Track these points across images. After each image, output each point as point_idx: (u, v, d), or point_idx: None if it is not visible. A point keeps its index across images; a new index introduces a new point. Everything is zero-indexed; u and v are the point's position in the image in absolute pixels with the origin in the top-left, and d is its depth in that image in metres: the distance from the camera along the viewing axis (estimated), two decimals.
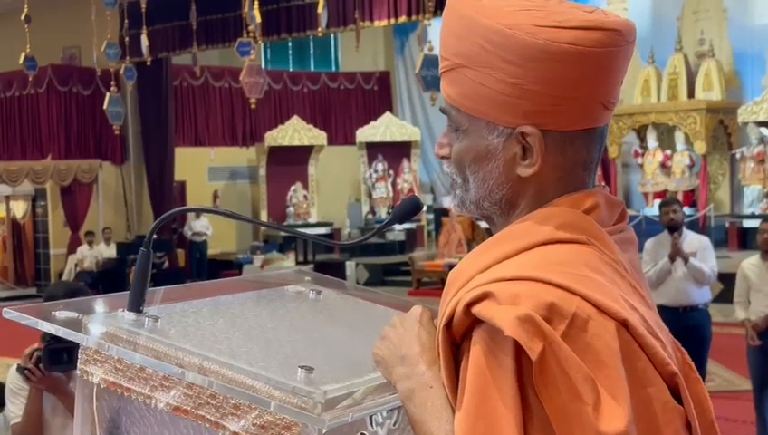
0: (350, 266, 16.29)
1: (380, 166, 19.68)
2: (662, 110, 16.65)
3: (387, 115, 20.28)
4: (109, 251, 17.07)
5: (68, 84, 18.57)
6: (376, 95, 22.56)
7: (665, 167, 16.85)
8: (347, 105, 22.17)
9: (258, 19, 13.40)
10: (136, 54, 15.87)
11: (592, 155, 1.34)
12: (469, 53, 1.30)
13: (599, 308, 1.20)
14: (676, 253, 6.63)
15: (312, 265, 16.34)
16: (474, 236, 16.26)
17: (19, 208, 18.51)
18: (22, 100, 18.82)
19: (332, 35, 20.57)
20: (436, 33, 12.48)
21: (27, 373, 3.36)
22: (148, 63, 15.73)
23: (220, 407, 1.39)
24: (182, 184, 19.13)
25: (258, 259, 16.27)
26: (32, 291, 17.68)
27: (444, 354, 1.27)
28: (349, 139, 20.77)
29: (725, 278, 8.85)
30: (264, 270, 14.23)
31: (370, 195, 19.81)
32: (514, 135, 1.30)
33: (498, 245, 1.30)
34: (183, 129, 19.53)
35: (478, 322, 1.21)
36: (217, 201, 19.01)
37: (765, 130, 15.74)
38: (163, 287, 1.73)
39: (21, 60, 15.40)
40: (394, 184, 19.79)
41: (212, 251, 18.61)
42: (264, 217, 18.67)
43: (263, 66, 18.71)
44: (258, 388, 1.35)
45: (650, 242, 6.90)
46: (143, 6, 15.02)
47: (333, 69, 22.73)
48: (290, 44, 21.49)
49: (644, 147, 17.17)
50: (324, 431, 1.32)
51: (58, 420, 3.50)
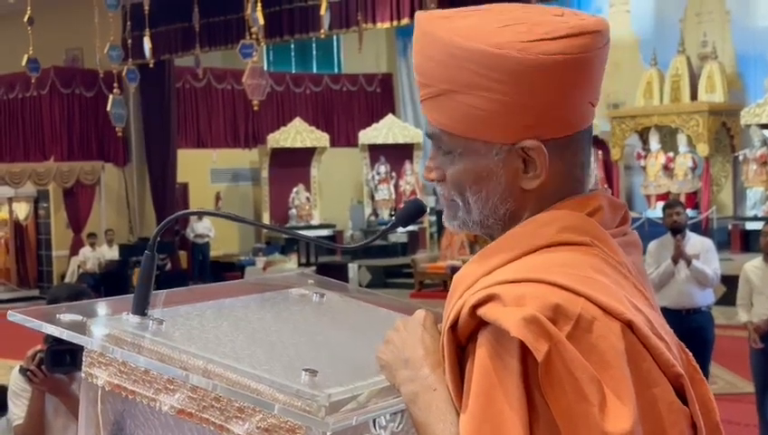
0: (353, 268, 16.29)
1: (383, 168, 19.68)
2: (665, 112, 16.64)
3: (389, 117, 20.27)
4: (111, 253, 17.07)
5: (71, 86, 18.58)
6: (378, 97, 22.55)
7: (667, 169, 16.84)
8: (349, 107, 22.16)
9: (261, 21, 13.40)
10: (138, 56, 15.87)
11: (587, 154, 1.37)
12: (457, 78, 1.29)
13: (603, 309, 1.20)
14: (679, 255, 6.63)
15: (315, 266, 16.34)
16: (476, 238, 16.23)
17: (22, 210, 18.52)
18: (24, 101, 18.83)
19: (335, 37, 20.58)
20: None
21: (30, 375, 3.37)
22: (150, 65, 15.73)
23: (224, 410, 1.39)
24: (184, 186, 19.14)
25: (260, 261, 16.30)
26: (34, 293, 17.69)
27: (449, 357, 1.27)
28: (351, 140, 20.76)
29: (728, 281, 8.85)
30: (267, 272, 14.25)
31: (373, 197, 19.81)
32: (515, 150, 1.30)
33: (502, 248, 1.31)
34: (185, 130, 19.54)
35: (483, 324, 1.22)
36: (220, 203, 19.02)
37: None
38: (167, 290, 1.73)
39: (24, 62, 15.39)
40: (396, 186, 19.79)
41: (214, 253, 18.62)
42: (267, 219, 18.67)
43: (265, 68, 18.70)
44: (262, 391, 1.35)
45: (653, 244, 6.90)
46: (146, 8, 15.01)
47: (336, 71, 22.73)
48: (292, 46, 21.49)
49: (646, 149, 17.16)
50: (328, 434, 1.32)
51: (60, 422, 3.50)
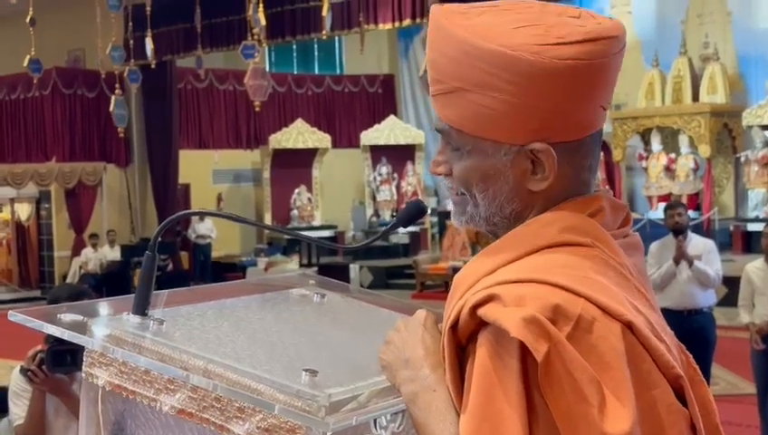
0: (354, 269, 16.28)
1: (384, 169, 19.67)
2: (666, 113, 16.62)
3: (391, 118, 20.26)
4: (113, 254, 17.08)
5: (72, 87, 18.58)
6: (380, 98, 22.55)
7: (669, 170, 16.82)
8: (351, 108, 22.17)
9: (263, 22, 13.42)
10: (140, 57, 15.89)
11: (595, 157, 1.36)
12: (470, 77, 1.28)
13: (604, 310, 1.20)
14: (680, 256, 6.63)
15: (316, 267, 16.33)
16: (478, 239, 16.24)
17: (23, 211, 18.53)
18: (26, 102, 18.84)
19: (337, 38, 20.59)
20: None
21: (30, 375, 3.37)
22: (152, 66, 15.74)
23: (225, 410, 1.39)
24: (186, 187, 19.15)
25: (262, 262, 16.30)
26: (36, 293, 17.69)
27: (449, 357, 1.27)
28: (353, 141, 20.76)
29: (730, 282, 8.83)
30: (268, 273, 14.24)
31: (374, 198, 19.80)
32: (524, 152, 1.29)
33: (503, 248, 1.30)
34: (187, 131, 19.54)
35: (484, 324, 1.21)
36: (221, 204, 19.02)
37: None
38: (168, 290, 1.72)
39: (25, 62, 15.42)
40: (398, 187, 19.79)
41: (216, 254, 18.62)
42: (268, 220, 18.66)
43: (267, 69, 18.73)
44: (262, 391, 1.35)
45: (655, 245, 6.89)
46: (148, 9, 15.04)
47: (338, 72, 22.73)
48: (294, 47, 21.49)
49: (648, 150, 17.14)
50: (328, 434, 1.32)
51: (61, 422, 3.50)
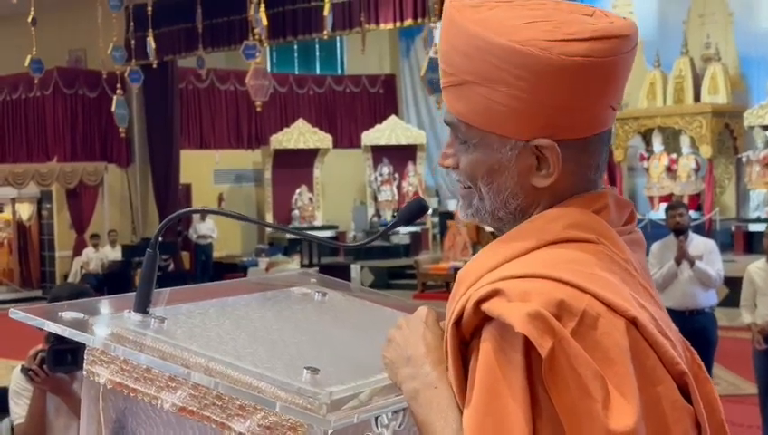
0: (355, 269, 16.28)
1: (386, 169, 19.68)
2: (668, 113, 16.63)
3: (392, 118, 20.27)
4: (114, 254, 17.08)
5: (74, 87, 18.59)
6: (381, 98, 22.55)
7: (670, 170, 16.83)
8: (352, 108, 22.17)
9: (264, 22, 13.43)
10: (142, 57, 15.90)
11: (602, 156, 1.35)
12: (479, 71, 1.28)
13: (608, 306, 1.20)
14: (682, 256, 6.62)
15: (317, 267, 16.31)
16: (479, 239, 16.25)
17: (25, 211, 18.53)
18: (28, 102, 18.84)
19: (338, 38, 20.59)
20: None
21: (31, 374, 3.37)
22: (153, 66, 15.75)
23: (226, 408, 1.39)
24: (187, 187, 19.15)
25: (263, 262, 16.31)
26: (37, 293, 17.69)
27: (452, 353, 1.27)
28: (354, 142, 20.76)
29: (731, 282, 8.83)
30: (269, 273, 14.24)
31: (376, 198, 19.80)
32: (529, 147, 1.29)
33: (508, 244, 1.30)
34: (188, 131, 19.55)
35: (488, 319, 1.21)
36: (222, 204, 19.03)
37: None
38: (169, 289, 1.72)
39: (27, 62, 15.43)
40: (399, 187, 19.79)
41: (217, 254, 18.63)
42: (270, 220, 18.65)
43: (268, 69, 18.74)
44: (264, 389, 1.35)
45: (656, 245, 6.89)
46: (149, 9, 15.06)
47: (339, 72, 22.73)
48: (295, 47, 21.51)
49: (650, 150, 17.15)
50: (330, 432, 1.32)
51: (61, 421, 3.50)
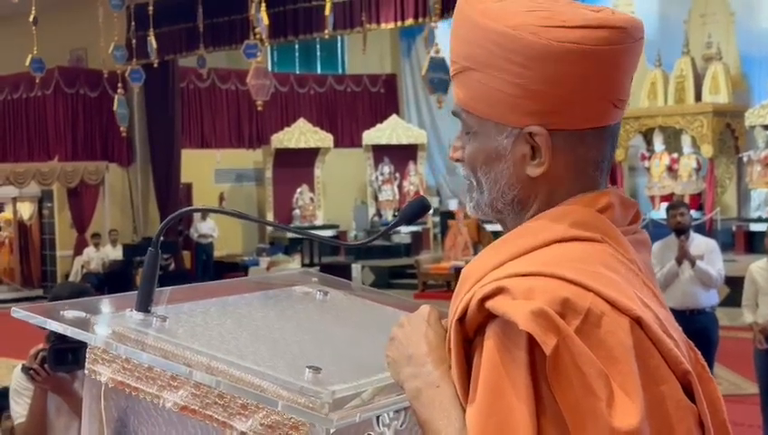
0: (356, 269, 16.28)
1: (386, 168, 19.67)
2: (669, 113, 16.62)
3: (393, 118, 20.26)
4: (115, 253, 17.09)
5: (75, 86, 18.59)
6: (382, 98, 22.54)
7: (672, 170, 16.82)
8: (353, 107, 22.16)
9: (265, 21, 13.42)
10: (143, 56, 15.90)
11: (604, 154, 1.34)
12: (476, 56, 1.31)
13: (612, 305, 1.20)
14: (683, 256, 6.62)
15: (318, 267, 16.32)
16: (480, 238, 16.26)
17: (26, 210, 18.54)
18: (29, 101, 18.84)
19: (339, 38, 20.59)
20: (442, 35, 12.48)
21: (32, 373, 3.36)
22: (154, 65, 15.75)
23: (228, 407, 1.38)
24: (188, 186, 19.15)
25: (264, 261, 16.31)
26: (38, 292, 17.71)
27: (455, 350, 1.26)
28: (355, 141, 20.75)
29: (732, 282, 8.83)
30: (270, 272, 14.24)
31: (376, 197, 19.80)
32: (522, 135, 1.30)
33: (513, 242, 1.30)
34: (189, 131, 19.55)
35: (492, 316, 1.21)
36: (223, 203, 19.03)
37: None
38: (170, 288, 1.72)
39: (28, 62, 15.44)
40: (400, 187, 19.78)
41: (218, 253, 18.64)
42: (270, 220, 18.66)
43: (269, 68, 18.74)
44: (266, 388, 1.35)
45: (657, 245, 6.88)
46: (150, 8, 15.06)
47: (340, 71, 22.73)
48: (296, 47, 21.51)
49: (651, 150, 17.14)
50: (332, 431, 1.32)
51: (62, 421, 3.50)
